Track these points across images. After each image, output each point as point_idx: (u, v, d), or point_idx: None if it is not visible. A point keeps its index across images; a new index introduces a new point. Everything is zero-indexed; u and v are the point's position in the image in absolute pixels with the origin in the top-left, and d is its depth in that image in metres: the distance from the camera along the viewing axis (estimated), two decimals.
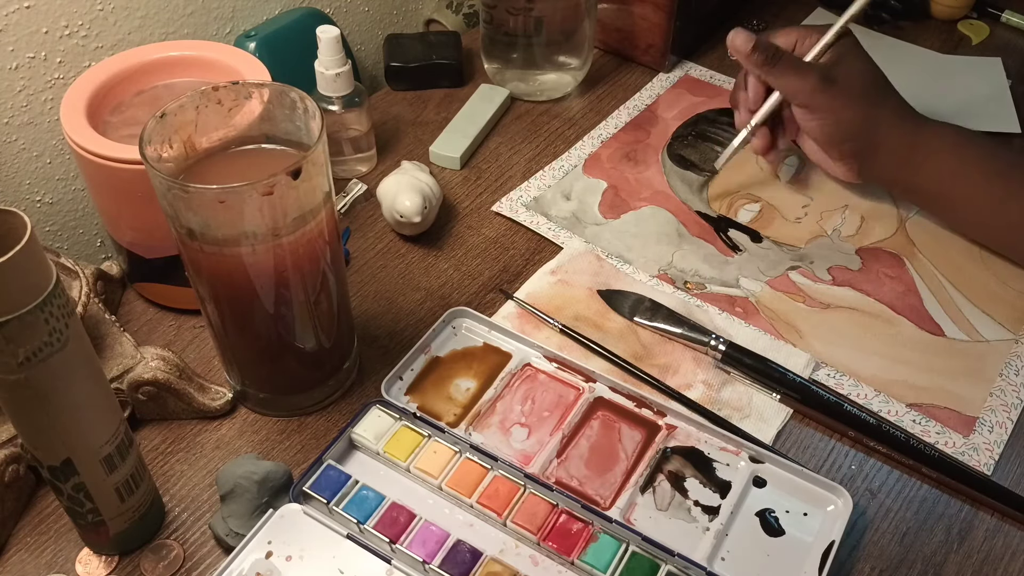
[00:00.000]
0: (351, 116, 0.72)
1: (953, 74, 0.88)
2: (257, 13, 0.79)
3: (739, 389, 0.59)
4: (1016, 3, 0.96)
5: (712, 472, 0.54)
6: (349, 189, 0.73)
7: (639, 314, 0.63)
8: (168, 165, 0.48)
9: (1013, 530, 0.54)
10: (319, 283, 0.52)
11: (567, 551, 0.49)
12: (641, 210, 0.73)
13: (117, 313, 0.64)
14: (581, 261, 0.67)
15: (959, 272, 0.68)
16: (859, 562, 0.52)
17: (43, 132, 0.69)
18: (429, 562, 0.48)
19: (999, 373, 0.61)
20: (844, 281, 0.67)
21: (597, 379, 0.58)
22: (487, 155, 0.78)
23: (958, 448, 0.57)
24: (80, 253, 0.76)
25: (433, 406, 0.57)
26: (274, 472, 0.51)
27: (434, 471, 0.52)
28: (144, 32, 0.71)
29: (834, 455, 0.57)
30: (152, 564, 0.50)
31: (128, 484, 0.48)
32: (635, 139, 0.80)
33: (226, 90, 0.49)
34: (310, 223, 0.48)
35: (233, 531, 0.50)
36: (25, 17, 0.63)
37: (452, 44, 0.85)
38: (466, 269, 0.68)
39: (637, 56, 0.88)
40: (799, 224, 0.72)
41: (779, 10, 0.96)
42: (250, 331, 0.53)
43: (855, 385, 0.60)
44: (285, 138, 0.51)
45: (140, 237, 0.60)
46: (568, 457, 0.55)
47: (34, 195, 0.71)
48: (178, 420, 0.57)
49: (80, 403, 0.43)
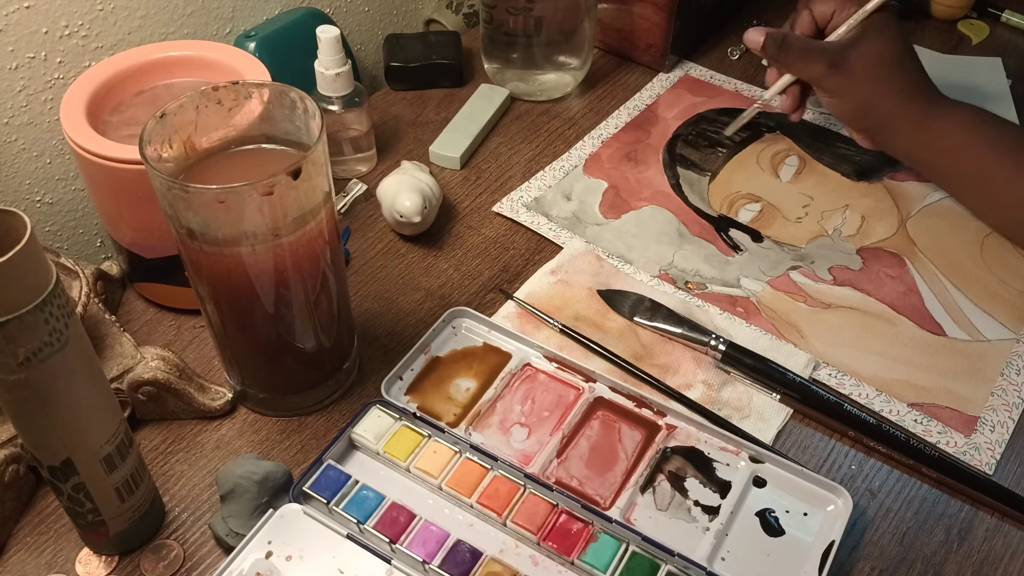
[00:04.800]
0: (351, 116, 0.72)
1: (953, 74, 0.88)
2: (257, 13, 0.79)
3: (739, 389, 0.59)
4: (1016, 3, 0.96)
5: (712, 472, 0.54)
6: (349, 189, 0.73)
7: (639, 314, 0.63)
8: (168, 165, 0.48)
9: (1013, 530, 0.54)
10: (319, 283, 0.52)
11: (567, 551, 0.49)
12: (642, 210, 0.73)
13: (117, 313, 0.64)
14: (581, 261, 0.67)
15: (960, 271, 0.68)
16: (859, 562, 0.52)
17: (43, 132, 0.69)
18: (429, 562, 0.48)
19: (1000, 372, 0.61)
20: (845, 281, 0.67)
21: (597, 379, 0.58)
22: (487, 155, 0.78)
23: (960, 448, 0.57)
24: (80, 253, 0.76)
25: (433, 406, 0.57)
26: (274, 472, 0.51)
27: (434, 471, 0.52)
28: (144, 32, 0.71)
29: (834, 455, 0.57)
30: (152, 564, 0.50)
31: (128, 484, 0.48)
32: (635, 139, 0.80)
33: (226, 90, 0.49)
34: (310, 223, 0.48)
35: (233, 531, 0.50)
36: (25, 17, 0.63)
37: (452, 44, 0.85)
38: (466, 269, 0.68)
39: (637, 56, 0.88)
40: (800, 224, 0.72)
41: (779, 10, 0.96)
42: (250, 331, 0.53)
43: (856, 385, 0.60)
44: (285, 138, 0.51)
45: (140, 237, 0.60)
46: (568, 457, 0.55)
47: (34, 195, 0.71)
48: (178, 420, 0.57)
49: (80, 403, 0.43)
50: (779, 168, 0.77)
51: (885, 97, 0.67)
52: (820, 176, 0.76)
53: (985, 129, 0.66)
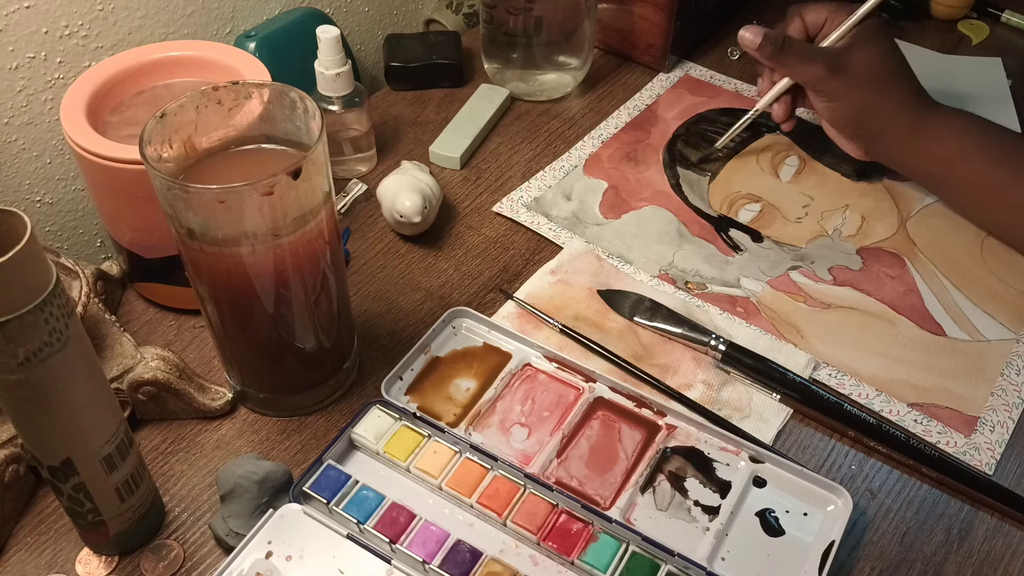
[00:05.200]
0: (351, 116, 0.72)
1: (953, 74, 0.88)
2: (257, 13, 0.79)
3: (739, 389, 0.59)
4: (1016, 3, 0.96)
5: (712, 472, 0.54)
6: (349, 189, 0.73)
7: (639, 314, 0.63)
8: (168, 165, 0.48)
9: (1013, 530, 0.54)
10: (319, 283, 0.52)
11: (567, 551, 0.49)
12: (642, 210, 0.73)
13: (117, 313, 0.64)
14: (581, 261, 0.67)
15: (960, 271, 0.68)
16: (859, 562, 0.52)
17: (43, 132, 0.69)
18: (429, 562, 0.48)
19: (1000, 372, 0.61)
20: (845, 281, 0.67)
21: (597, 379, 0.58)
22: (487, 155, 0.78)
23: (960, 448, 0.57)
24: (80, 253, 0.76)
25: (433, 406, 0.57)
26: (274, 472, 0.51)
27: (434, 471, 0.52)
28: (144, 32, 0.71)
29: (834, 455, 0.57)
30: (152, 564, 0.50)
31: (128, 484, 0.48)
32: (635, 139, 0.80)
33: (226, 90, 0.49)
34: (310, 223, 0.48)
35: (233, 531, 0.50)
36: (25, 17, 0.63)
37: (452, 44, 0.85)
38: (466, 269, 0.68)
39: (637, 56, 0.88)
40: (800, 224, 0.72)
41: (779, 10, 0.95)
42: (250, 331, 0.53)
43: (856, 385, 0.60)
44: (285, 138, 0.51)
45: (140, 237, 0.60)
46: (568, 457, 0.55)
47: (34, 195, 0.71)
48: (178, 420, 0.57)
49: (80, 403, 0.43)
50: (779, 168, 0.77)
51: (882, 103, 0.67)
52: (820, 176, 0.76)
53: (979, 135, 0.66)
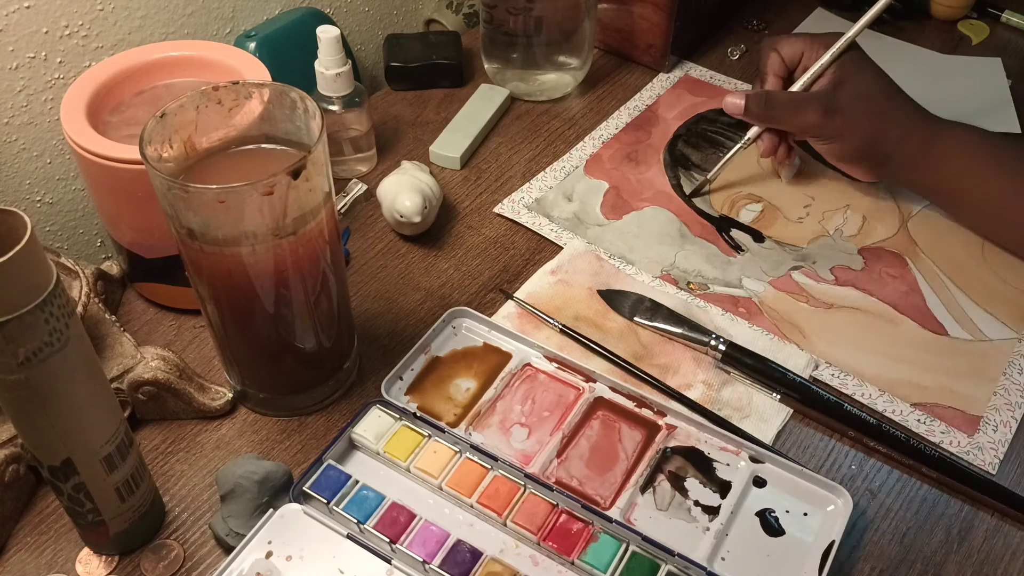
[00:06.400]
0: (351, 116, 0.72)
1: (953, 74, 0.88)
2: (257, 13, 0.79)
3: (739, 389, 0.59)
4: (1016, 3, 0.96)
5: (712, 472, 0.54)
6: (349, 189, 0.73)
7: (639, 314, 0.63)
8: (168, 165, 0.48)
9: (1013, 530, 0.54)
10: (319, 283, 0.52)
11: (567, 551, 0.49)
12: (643, 211, 0.72)
13: (117, 313, 0.64)
14: (581, 261, 0.67)
15: (962, 271, 0.68)
16: (859, 562, 0.52)
17: (43, 132, 0.69)
18: (429, 562, 0.48)
19: (1003, 372, 0.61)
20: (847, 281, 0.67)
21: (597, 379, 0.58)
22: (487, 155, 0.78)
23: (963, 448, 0.57)
24: (80, 253, 0.76)
25: (433, 406, 0.57)
26: (274, 472, 0.51)
27: (434, 471, 0.52)
28: (144, 32, 0.71)
29: (834, 455, 0.57)
30: (152, 564, 0.50)
31: (128, 484, 0.48)
32: (636, 139, 0.80)
33: (226, 90, 0.49)
34: (310, 223, 0.48)
35: (233, 531, 0.50)
36: (25, 17, 0.63)
37: (452, 44, 0.85)
38: (466, 269, 0.68)
39: (637, 56, 0.88)
40: (801, 224, 0.72)
41: (779, 10, 0.96)
42: (250, 331, 0.53)
43: (859, 385, 0.60)
44: (285, 138, 0.51)
45: (140, 237, 0.60)
46: (568, 457, 0.55)
47: (34, 195, 0.71)
48: (178, 420, 0.57)
49: (80, 403, 0.43)
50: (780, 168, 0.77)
51: (884, 131, 0.66)
52: (821, 176, 0.76)
53: (985, 150, 0.66)
